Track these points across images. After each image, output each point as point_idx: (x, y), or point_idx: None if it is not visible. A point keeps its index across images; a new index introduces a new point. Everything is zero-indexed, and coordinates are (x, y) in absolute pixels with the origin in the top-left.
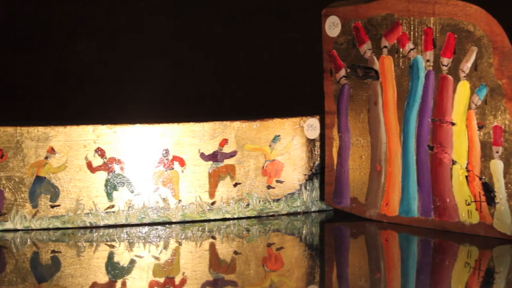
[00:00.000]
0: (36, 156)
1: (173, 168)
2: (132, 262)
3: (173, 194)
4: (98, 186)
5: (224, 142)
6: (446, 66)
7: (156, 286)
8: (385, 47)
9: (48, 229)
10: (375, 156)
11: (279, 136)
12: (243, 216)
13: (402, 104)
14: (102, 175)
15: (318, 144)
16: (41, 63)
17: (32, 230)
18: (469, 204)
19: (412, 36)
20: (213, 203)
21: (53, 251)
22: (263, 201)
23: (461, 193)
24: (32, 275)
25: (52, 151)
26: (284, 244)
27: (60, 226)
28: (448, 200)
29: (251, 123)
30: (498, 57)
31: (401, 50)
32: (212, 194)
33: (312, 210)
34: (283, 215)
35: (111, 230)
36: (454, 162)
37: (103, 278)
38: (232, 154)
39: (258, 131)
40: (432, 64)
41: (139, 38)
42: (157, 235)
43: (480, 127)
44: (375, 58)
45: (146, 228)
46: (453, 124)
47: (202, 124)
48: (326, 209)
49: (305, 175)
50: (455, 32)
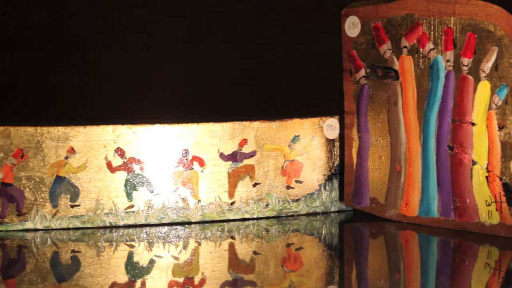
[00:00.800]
0: (56, 156)
1: (192, 168)
2: (152, 262)
3: (192, 194)
4: (117, 186)
5: (244, 142)
6: (466, 66)
7: (176, 286)
8: (405, 47)
9: (68, 228)
10: (394, 156)
11: (298, 136)
12: (262, 216)
13: (422, 104)
14: (122, 175)
15: (337, 144)
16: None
17: (52, 229)
18: (489, 205)
19: (432, 36)
20: (232, 203)
21: (73, 251)
22: (282, 201)
23: (481, 193)
24: (52, 274)
25: (72, 151)
26: (303, 244)
27: (80, 226)
28: (468, 200)
29: (270, 123)
30: None
31: (421, 50)
32: (231, 194)
33: (332, 210)
34: (302, 215)
35: (130, 230)
36: (474, 163)
37: (123, 278)
38: (252, 154)
39: (277, 131)
40: (452, 64)
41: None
42: (176, 235)
43: (500, 127)
44: (395, 58)
45: (166, 228)
46: (473, 124)
47: (221, 124)
48: (345, 209)
49: (324, 175)
50: (475, 32)
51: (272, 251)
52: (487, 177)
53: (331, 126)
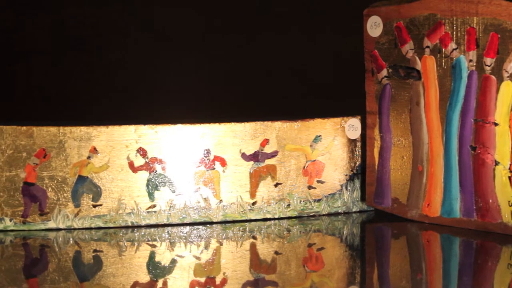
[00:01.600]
0: (78, 156)
1: (214, 168)
2: (173, 261)
3: (214, 194)
4: (139, 186)
5: (265, 142)
6: (489, 66)
7: (197, 286)
8: (427, 47)
9: (90, 228)
10: (417, 157)
11: (320, 136)
12: (284, 216)
13: (444, 104)
14: (144, 175)
15: (359, 144)
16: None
17: (74, 229)
18: None
19: (454, 36)
20: (254, 203)
21: (95, 250)
22: (304, 201)
23: (504, 194)
24: (74, 274)
25: (94, 150)
26: (325, 244)
27: (102, 225)
28: (490, 201)
29: (292, 123)
30: None
31: (443, 50)
32: (253, 194)
33: (353, 210)
34: (324, 215)
35: (152, 230)
36: (497, 163)
37: (145, 278)
38: (273, 154)
39: (299, 131)
40: (475, 64)
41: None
42: (198, 235)
43: None
44: (417, 58)
45: (187, 228)
46: (496, 124)
47: (243, 124)
48: (367, 209)
49: (346, 175)
50: (498, 32)
51: (293, 251)
52: (509, 177)
53: (353, 126)
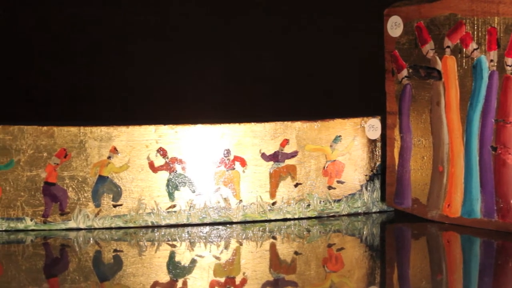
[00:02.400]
0: (99, 156)
1: (234, 168)
2: (193, 261)
3: (234, 194)
4: (159, 185)
5: (285, 142)
6: (510, 66)
7: (217, 286)
8: (448, 47)
9: (110, 228)
10: (437, 157)
11: (340, 136)
12: (303, 216)
13: (465, 105)
14: (164, 175)
15: (379, 144)
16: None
17: (95, 229)
18: None
19: (475, 36)
20: (274, 203)
21: (115, 250)
22: (323, 201)
23: None
24: (95, 273)
25: (114, 150)
26: (344, 244)
27: (122, 225)
28: (511, 201)
29: (312, 124)
30: None
31: (464, 50)
32: (273, 194)
33: (373, 211)
34: (343, 215)
35: (172, 230)
36: None
37: (165, 277)
38: (293, 155)
39: (319, 132)
40: (496, 64)
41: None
42: (218, 235)
43: None
44: (437, 58)
45: (207, 228)
46: None
47: (263, 124)
48: (387, 210)
49: (366, 175)
50: None
51: (313, 252)
52: None
53: (372, 127)
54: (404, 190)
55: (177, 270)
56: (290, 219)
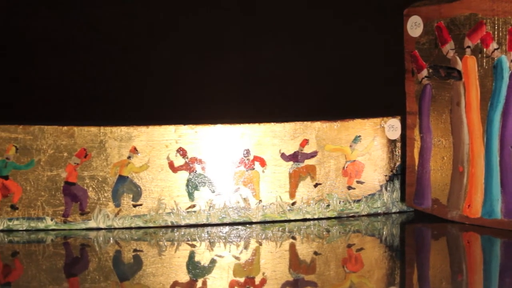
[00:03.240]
0: (119, 156)
1: (254, 168)
2: (213, 261)
3: (253, 194)
4: (179, 185)
5: (305, 142)
6: None
7: (237, 286)
8: (468, 47)
9: (130, 228)
10: (457, 157)
11: (359, 136)
12: (323, 216)
13: (485, 105)
14: (184, 175)
15: (399, 145)
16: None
17: (115, 229)
18: None
19: (496, 36)
20: (293, 204)
21: (135, 250)
22: (343, 201)
23: None
24: (115, 273)
25: (134, 150)
26: (364, 245)
27: (142, 225)
28: None
29: (331, 124)
30: None
31: (484, 50)
32: (292, 195)
33: (393, 211)
34: (363, 216)
35: (192, 230)
36: None
37: (184, 277)
38: (313, 155)
39: (338, 132)
40: None
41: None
42: (237, 235)
43: None
44: (458, 58)
45: (227, 228)
46: None
47: (283, 124)
48: (406, 210)
49: (385, 176)
50: None
51: (333, 252)
52: None
53: (392, 127)
54: (424, 190)
55: (196, 270)
56: (309, 219)
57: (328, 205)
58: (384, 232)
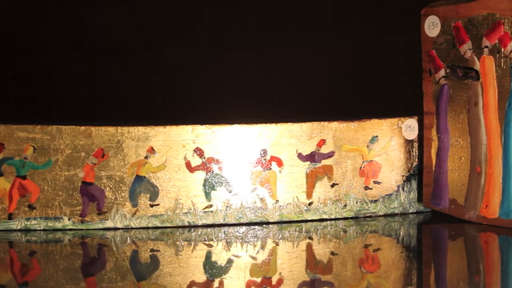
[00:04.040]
0: (136, 156)
1: (270, 169)
2: (230, 261)
3: (270, 194)
4: (196, 185)
5: (322, 142)
6: None
7: (253, 286)
8: (486, 47)
9: (147, 228)
10: (475, 158)
11: (377, 136)
12: (340, 217)
13: (503, 105)
14: (201, 175)
15: (416, 145)
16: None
17: (132, 228)
18: None
19: None
20: (310, 204)
21: (152, 250)
22: (360, 202)
23: None
24: (132, 273)
25: (152, 150)
26: (381, 245)
27: (159, 225)
28: None
29: (349, 124)
30: None
31: (502, 50)
32: (309, 195)
33: (410, 211)
34: (380, 216)
35: (209, 230)
36: None
37: (201, 277)
38: (330, 155)
39: (356, 132)
40: None
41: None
42: (254, 235)
43: None
44: (475, 58)
45: (244, 228)
46: None
47: (300, 124)
48: (424, 210)
49: (403, 176)
50: None
51: (349, 252)
52: None
53: (410, 127)
54: (441, 190)
55: (213, 270)
56: (326, 220)
57: (345, 205)
58: (401, 233)
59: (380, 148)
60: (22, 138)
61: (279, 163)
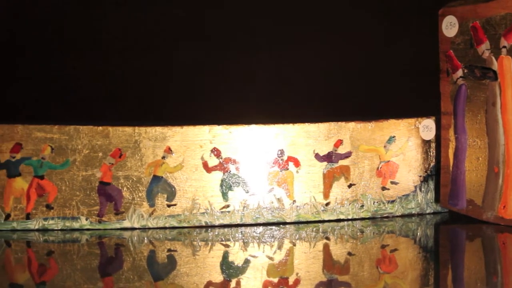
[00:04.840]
0: (153, 156)
1: (288, 169)
2: (247, 261)
3: (287, 195)
4: (213, 186)
5: (339, 142)
6: None
7: (270, 286)
8: (504, 47)
9: (164, 228)
10: (492, 158)
11: (394, 137)
12: (357, 217)
13: None
14: (218, 175)
15: (433, 145)
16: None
17: (149, 228)
18: None
19: None
20: (327, 204)
21: (169, 250)
22: (377, 202)
23: None
24: (149, 273)
25: (169, 151)
26: (398, 246)
27: (176, 225)
28: None
29: (366, 124)
30: None
31: None
32: (326, 195)
33: (427, 212)
34: (397, 216)
35: (226, 230)
36: None
37: (218, 277)
38: (347, 155)
39: (373, 132)
40: None
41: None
42: (271, 235)
43: None
44: (493, 58)
45: (261, 228)
46: None
47: (317, 124)
48: (441, 211)
49: (420, 176)
50: None
51: (366, 252)
52: None
53: (427, 127)
54: (459, 191)
55: (230, 270)
56: (343, 220)
57: (362, 205)
58: (418, 233)
59: (398, 148)
60: (40, 138)
61: (296, 163)
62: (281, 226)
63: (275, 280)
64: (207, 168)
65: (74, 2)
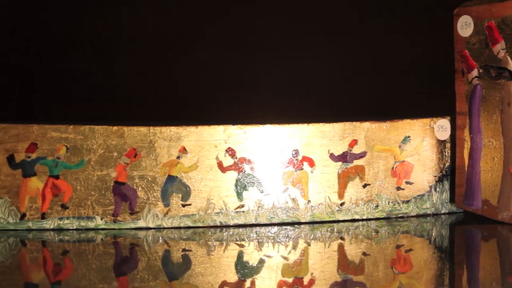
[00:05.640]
0: (168, 156)
1: (302, 169)
2: (261, 261)
3: (302, 195)
4: (228, 185)
5: (354, 142)
6: None
7: (285, 286)
8: None
9: (179, 227)
10: (508, 158)
11: (409, 137)
12: (372, 217)
13: None
14: (233, 175)
15: (448, 145)
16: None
17: (164, 228)
18: None
19: None
20: (342, 204)
21: (184, 250)
22: (392, 202)
23: None
24: (164, 272)
25: (184, 150)
26: (413, 246)
27: (191, 225)
28: None
29: (381, 124)
30: None
31: None
32: (341, 195)
33: (442, 212)
34: (412, 216)
35: (240, 230)
36: None
37: (233, 277)
38: (362, 155)
39: (387, 132)
40: None
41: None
42: (286, 235)
43: None
44: (509, 58)
45: (276, 228)
46: None
47: (332, 124)
48: (456, 211)
49: (435, 176)
50: None
51: (381, 253)
52: None
53: (442, 127)
54: (474, 191)
55: (245, 270)
56: (358, 220)
57: (377, 205)
58: (433, 233)
59: (412, 148)
60: (55, 138)
61: (311, 163)
62: (295, 226)
63: (290, 280)
64: (222, 168)
65: (93, 2)
